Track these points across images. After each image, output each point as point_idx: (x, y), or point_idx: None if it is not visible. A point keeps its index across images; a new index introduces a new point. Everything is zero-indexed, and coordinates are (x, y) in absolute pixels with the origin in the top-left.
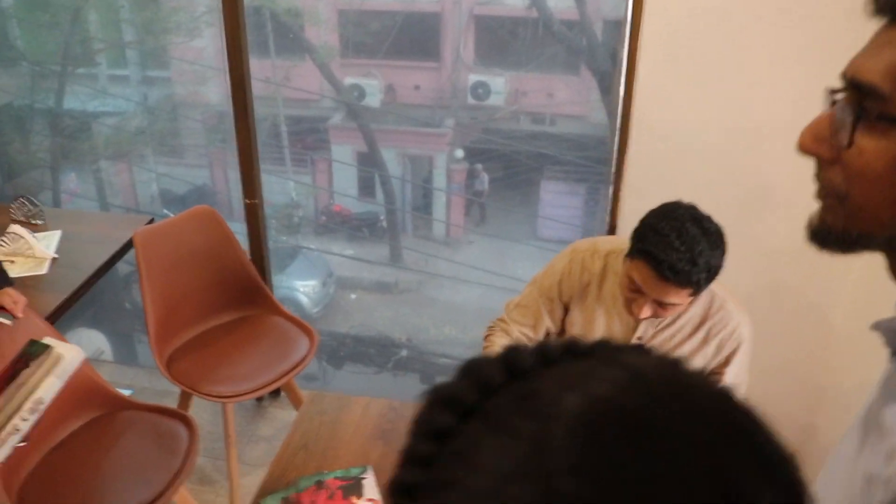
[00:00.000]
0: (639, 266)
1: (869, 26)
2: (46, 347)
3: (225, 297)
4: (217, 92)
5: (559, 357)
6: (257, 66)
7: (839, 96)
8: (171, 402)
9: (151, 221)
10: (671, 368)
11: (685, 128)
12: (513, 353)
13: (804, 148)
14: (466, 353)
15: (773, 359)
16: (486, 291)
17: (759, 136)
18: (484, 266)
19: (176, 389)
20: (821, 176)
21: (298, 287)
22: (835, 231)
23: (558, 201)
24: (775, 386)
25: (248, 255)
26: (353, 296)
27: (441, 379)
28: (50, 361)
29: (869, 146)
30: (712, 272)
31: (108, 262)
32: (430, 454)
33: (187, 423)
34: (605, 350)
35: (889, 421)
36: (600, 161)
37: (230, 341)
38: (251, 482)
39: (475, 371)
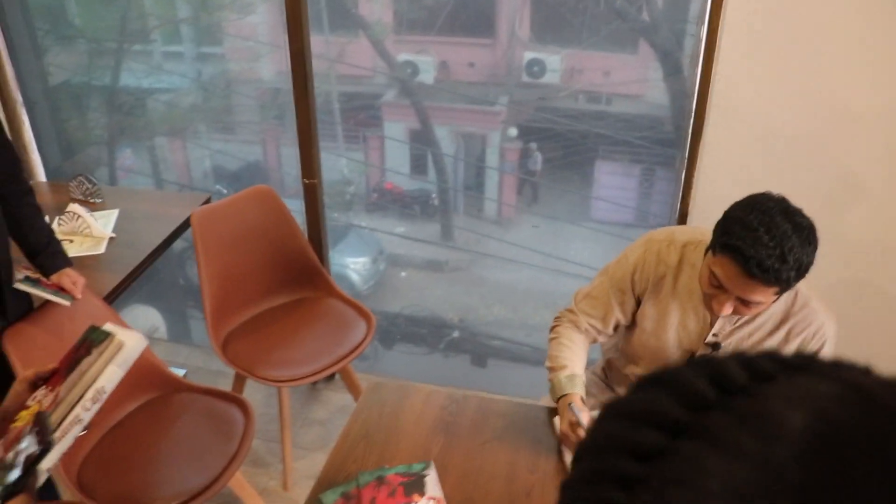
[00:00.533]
0: (723, 261)
1: None
2: (108, 335)
3: (282, 279)
4: (270, 69)
5: (773, 372)
6: (312, 43)
7: None
8: (226, 383)
9: (209, 200)
10: (894, 386)
11: (767, 113)
12: (720, 368)
13: None
14: (518, 336)
15: (852, 357)
16: (536, 272)
17: (847, 122)
18: (535, 247)
19: (230, 370)
20: None
21: (349, 264)
22: None
23: (613, 182)
24: None
25: (305, 236)
26: (403, 273)
27: (493, 361)
28: (112, 349)
29: None
30: (802, 270)
31: (166, 241)
32: (638, 476)
33: (243, 407)
34: (820, 365)
35: None
36: (657, 142)
37: (286, 324)
38: (305, 466)
39: (679, 386)
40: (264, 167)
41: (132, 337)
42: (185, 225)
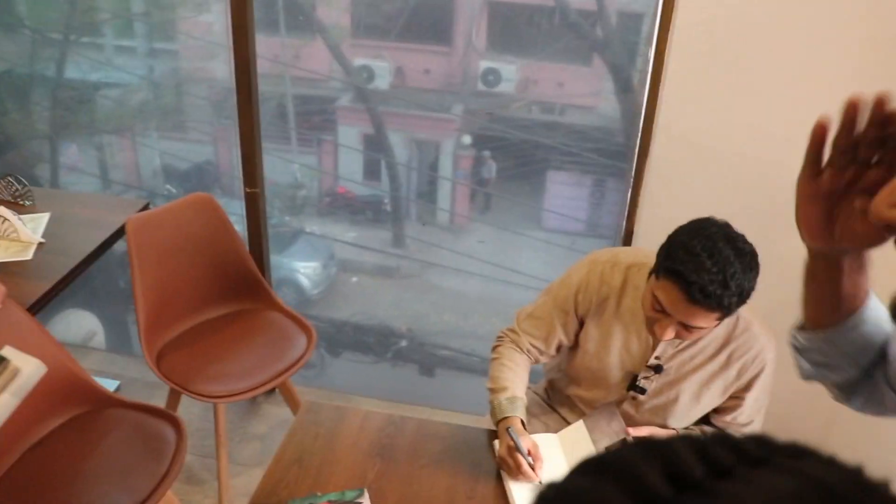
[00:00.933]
0: (666, 286)
1: None
2: (2, 360)
3: (220, 290)
4: (224, 69)
5: (730, 465)
6: (267, 44)
7: None
8: (162, 395)
9: (147, 206)
10: (857, 479)
11: (712, 136)
12: (675, 459)
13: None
14: (466, 345)
15: (793, 379)
16: (487, 280)
17: (791, 147)
18: (487, 255)
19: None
20: None
21: (299, 268)
22: None
23: (564, 192)
24: (792, 407)
25: (246, 246)
26: (354, 279)
27: (441, 371)
28: (5, 377)
29: None
30: (744, 296)
31: (98, 249)
32: None
33: (175, 424)
34: (781, 455)
35: None
36: (609, 154)
37: (224, 336)
38: (242, 483)
39: (629, 480)
40: (216, 168)
41: (30, 363)
42: (121, 231)
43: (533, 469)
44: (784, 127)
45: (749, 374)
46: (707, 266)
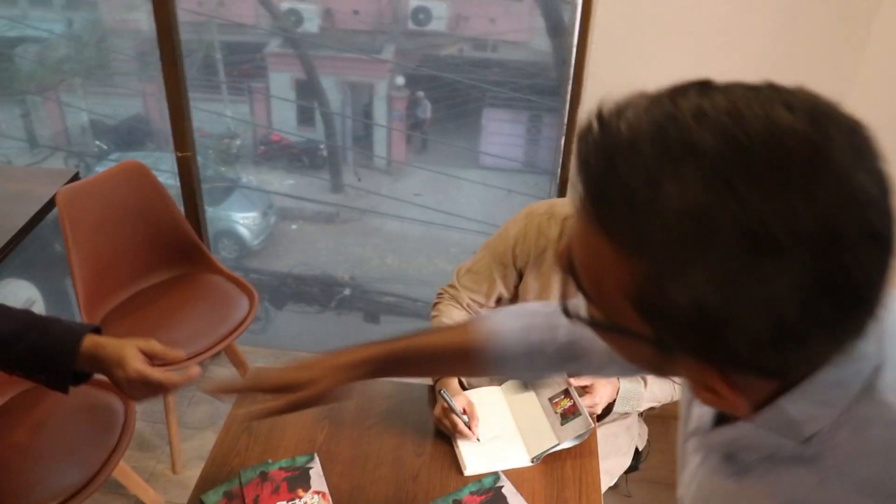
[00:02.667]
0: None
1: None
2: None
3: (158, 257)
4: (148, 19)
5: None
6: None
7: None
8: None
9: (77, 176)
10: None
11: (643, 82)
12: None
13: None
14: (410, 291)
15: None
16: (427, 221)
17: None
18: (425, 197)
19: None
20: None
21: (239, 219)
22: None
23: (501, 129)
24: None
25: (182, 212)
26: (294, 227)
27: (385, 318)
28: None
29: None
30: None
31: (29, 223)
32: None
33: (123, 395)
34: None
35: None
36: (543, 90)
37: (166, 303)
38: (194, 446)
39: None
40: (146, 122)
41: None
42: (52, 204)
43: (469, 427)
44: (713, 75)
45: None
46: None
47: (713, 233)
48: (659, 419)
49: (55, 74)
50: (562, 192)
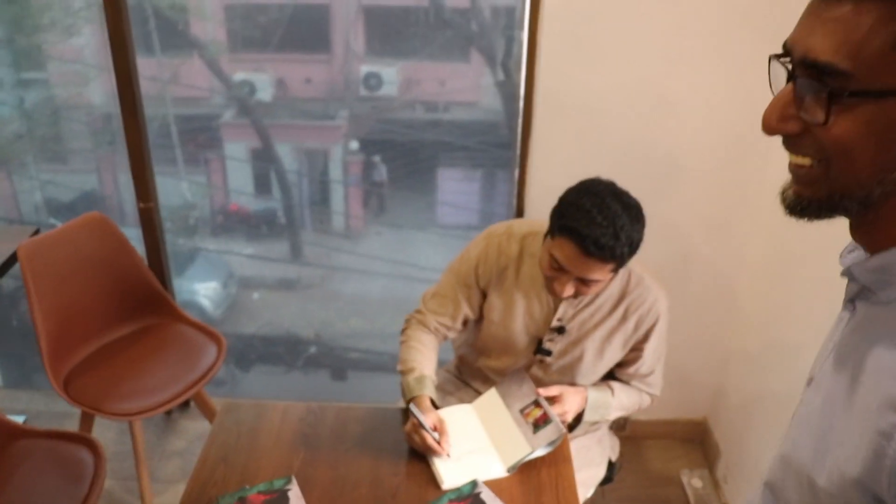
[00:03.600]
0: (561, 243)
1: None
2: None
3: (124, 308)
4: (101, 93)
5: None
6: (143, 65)
7: (784, 72)
8: (73, 424)
9: (37, 232)
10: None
11: (589, 106)
12: None
13: (771, 130)
14: (376, 346)
15: (687, 328)
16: (389, 281)
17: (665, 110)
18: (386, 256)
19: (76, 410)
20: (794, 149)
21: (199, 290)
22: (815, 200)
23: (456, 188)
24: (688, 354)
25: (145, 262)
26: (255, 295)
27: (353, 373)
28: None
29: (844, 121)
30: (634, 246)
31: None
32: None
33: (91, 446)
34: None
35: (881, 364)
36: (495, 146)
37: (133, 354)
38: (166, 500)
39: None
40: (101, 196)
41: None
42: (12, 261)
43: (439, 443)
44: (657, 93)
45: (646, 326)
46: (598, 220)
47: None
48: (630, 441)
49: (6, 150)
50: None
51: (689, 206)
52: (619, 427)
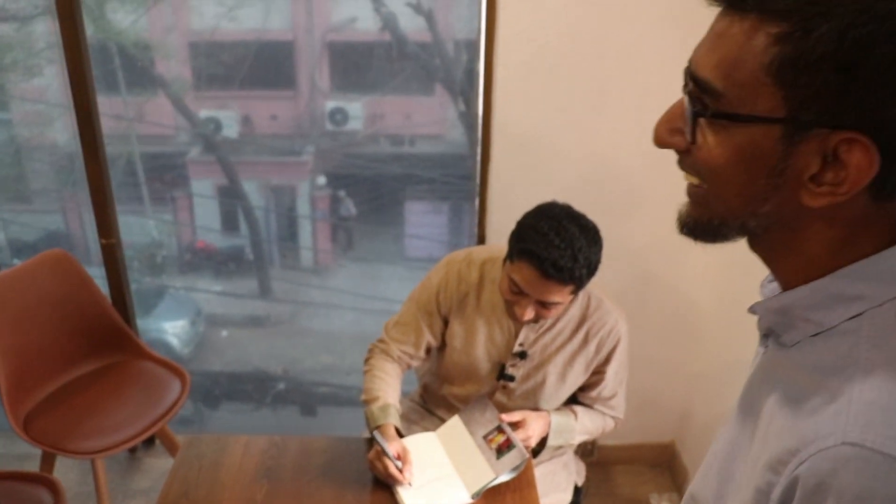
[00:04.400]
0: (520, 267)
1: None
2: None
3: (87, 346)
4: (65, 132)
5: None
6: (107, 104)
7: (689, 88)
8: (33, 465)
9: None
10: None
11: (545, 135)
12: None
13: (659, 141)
14: (347, 380)
15: (649, 351)
16: (359, 316)
17: (621, 133)
18: (355, 290)
19: (37, 451)
20: (682, 166)
21: (167, 329)
22: (700, 222)
23: (423, 220)
24: (653, 377)
25: (108, 299)
26: (224, 333)
27: (323, 409)
28: None
29: (713, 143)
30: (592, 268)
31: None
32: None
33: (51, 486)
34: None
35: (773, 421)
36: (461, 178)
37: (95, 392)
38: None
39: None
40: (66, 235)
41: None
42: None
43: (401, 472)
44: (612, 114)
45: (607, 348)
46: (556, 243)
47: None
48: (598, 466)
49: None
50: None
51: (647, 229)
52: (587, 453)
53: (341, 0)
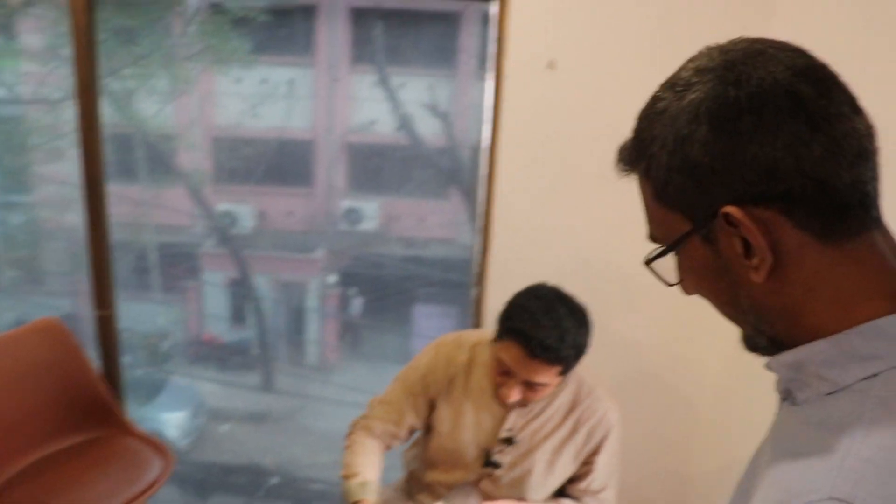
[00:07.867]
0: (508, 346)
1: None
2: None
3: (70, 418)
4: (81, 216)
5: None
6: (125, 192)
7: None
8: None
9: None
10: None
11: (545, 228)
12: None
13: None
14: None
15: (645, 449)
16: (359, 405)
17: (620, 230)
18: (359, 388)
19: None
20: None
21: (167, 420)
22: (742, 338)
23: (431, 324)
24: (647, 477)
25: (98, 371)
26: (225, 427)
27: None
28: None
29: (681, 273)
30: (580, 350)
31: None
32: None
33: None
34: None
35: (763, 462)
36: (469, 283)
37: (74, 466)
38: None
39: None
40: (74, 317)
41: None
42: None
43: None
44: (611, 212)
45: (597, 437)
46: (543, 322)
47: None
48: None
49: None
50: None
51: (645, 325)
52: None
53: (362, 102)
